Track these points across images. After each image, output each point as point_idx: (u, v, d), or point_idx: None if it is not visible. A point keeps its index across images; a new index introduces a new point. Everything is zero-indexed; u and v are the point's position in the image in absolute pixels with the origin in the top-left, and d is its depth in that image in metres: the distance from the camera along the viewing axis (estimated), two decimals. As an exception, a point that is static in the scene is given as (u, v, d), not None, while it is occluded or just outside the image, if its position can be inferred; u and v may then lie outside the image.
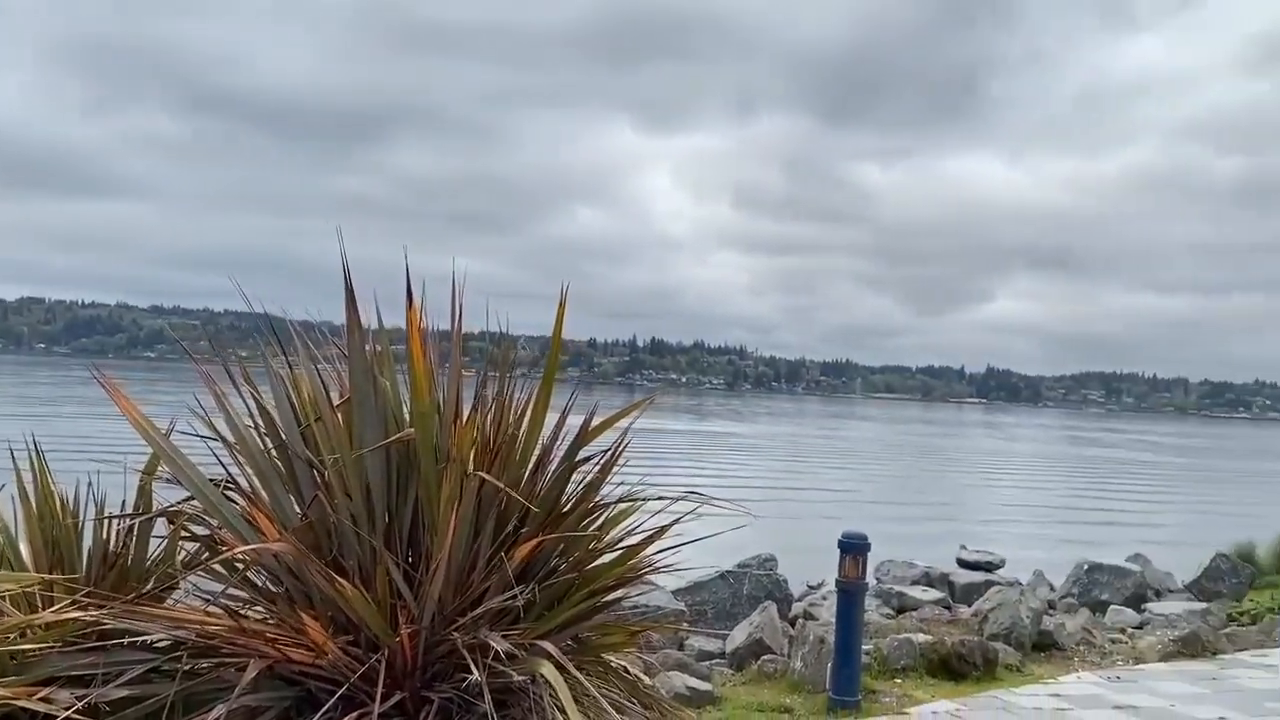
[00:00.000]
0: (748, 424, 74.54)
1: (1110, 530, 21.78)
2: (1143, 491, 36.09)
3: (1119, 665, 6.90)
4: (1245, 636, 7.89)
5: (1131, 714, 5.59)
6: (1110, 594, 10.50)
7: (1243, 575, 10.96)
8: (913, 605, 9.65)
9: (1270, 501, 30.48)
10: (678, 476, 21.54)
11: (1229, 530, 14.77)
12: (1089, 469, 47.47)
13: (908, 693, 5.89)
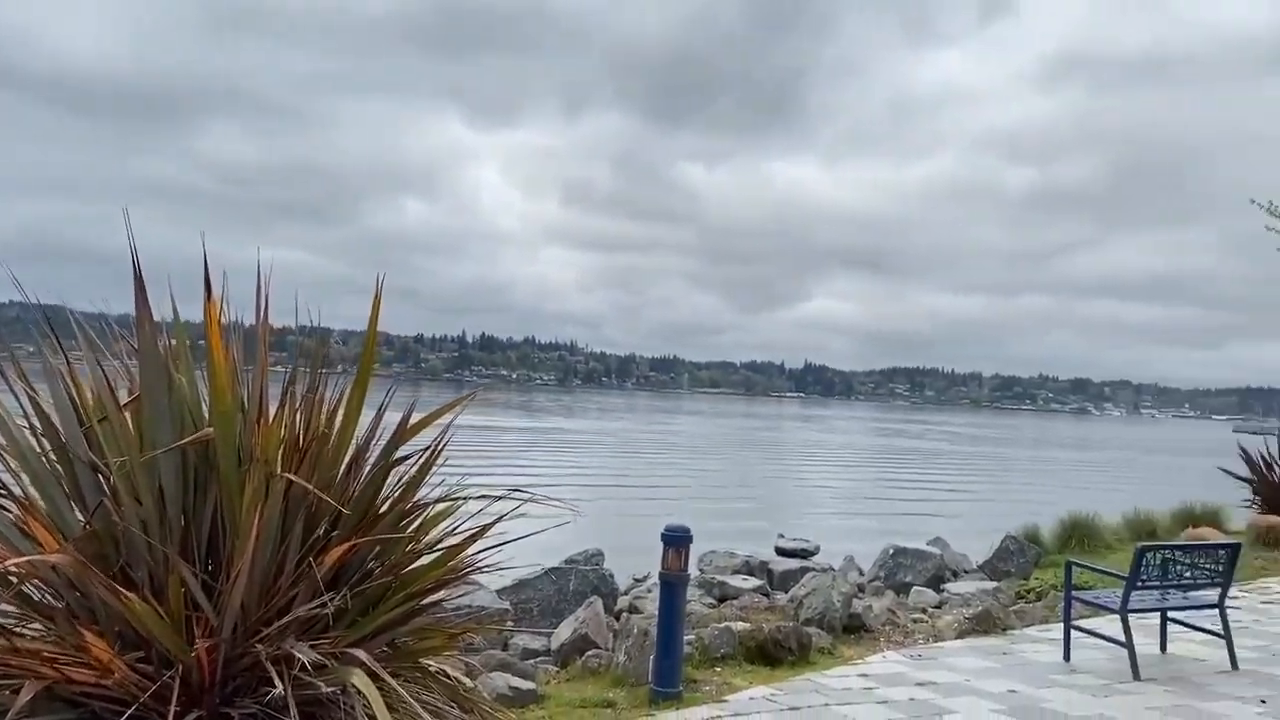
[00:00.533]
0: (578, 420, 74.77)
1: (914, 515, 23.15)
2: (943, 478, 38.54)
3: (920, 643, 7.32)
4: (1032, 612, 8.53)
5: (931, 689, 5.93)
6: (913, 576, 11.15)
7: (1029, 555, 11.86)
8: (734, 594, 9.93)
9: (1053, 486, 33.22)
10: (505, 474, 21.27)
11: (1018, 513, 15.97)
12: (896, 458, 50.34)
13: (727, 680, 6.04)
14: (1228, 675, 6.48)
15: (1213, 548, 6.98)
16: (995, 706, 5.62)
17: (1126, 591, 6.53)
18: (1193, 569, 6.78)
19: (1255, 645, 7.30)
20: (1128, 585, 6.53)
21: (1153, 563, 6.60)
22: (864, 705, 5.55)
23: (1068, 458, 59.19)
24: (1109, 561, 10.62)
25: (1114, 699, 5.85)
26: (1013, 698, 5.82)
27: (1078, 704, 5.72)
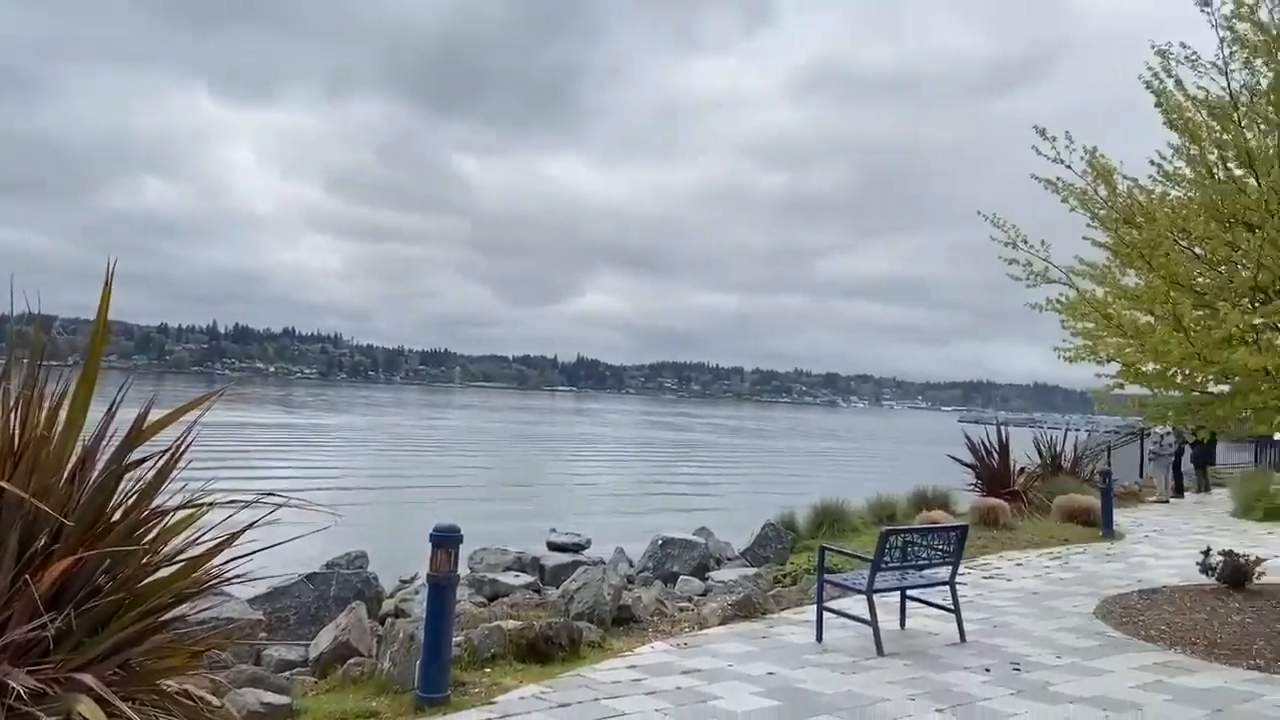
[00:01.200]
0: (343, 415, 71.83)
1: (682, 506, 23.94)
2: (709, 469, 40.15)
3: (687, 632, 7.53)
4: (788, 596, 9.00)
5: (696, 677, 6.11)
6: (680, 565, 11.49)
7: (786, 541, 12.52)
8: (505, 591, 9.83)
9: (807, 474, 35.36)
10: (259, 476, 20.04)
11: (776, 501, 16.86)
12: (665, 450, 51.92)
13: (497, 681, 5.95)
14: (957, 647, 7.09)
15: (945, 530, 7.63)
16: (755, 689, 5.85)
17: (872, 573, 7.00)
18: (928, 550, 7.37)
19: (979, 618, 8.04)
20: (873, 567, 7.00)
21: (895, 545, 7.12)
22: (632, 698, 5.62)
23: (820, 447, 63.26)
24: (856, 544, 11.38)
25: (860, 675, 6.25)
26: (771, 679, 6.09)
27: (828, 682, 6.06)
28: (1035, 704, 5.64)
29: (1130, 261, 8.45)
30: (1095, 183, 8.60)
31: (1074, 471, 17.92)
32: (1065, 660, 6.73)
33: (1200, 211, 8.17)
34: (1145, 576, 10.10)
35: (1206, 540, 10.87)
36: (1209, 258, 8.17)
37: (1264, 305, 7.67)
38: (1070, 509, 14.34)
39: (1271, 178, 7.40)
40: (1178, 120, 8.18)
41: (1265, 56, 7.56)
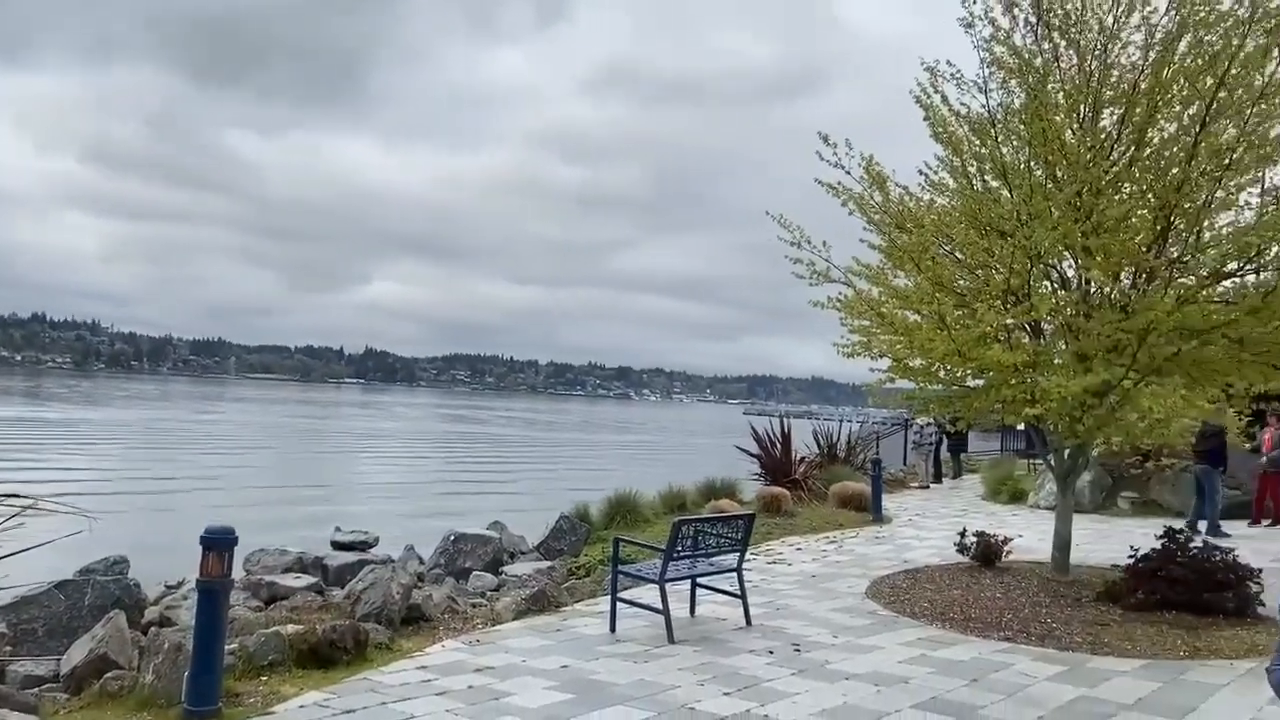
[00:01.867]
0: (101, 409, 66.06)
1: (477, 499, 23.59)
2: (503, 463, 39.83)
3: (480, 628, 7.39)
4: (582, 588, 9.03)
5: (489, 674, 6.00)
6: (473, 561, 11.29)
7: (580, 533, 12.57)
8: (284, 594, 9.31)
9: (602, 466, 35.76)
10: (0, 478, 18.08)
11: (571, 493, 16.91)
12: (459, 444, 51.08)
13: (275, 689, 5.61)
14: (744, 631, 7.35)
15: (733, 518, 7.88)
16: (549, 683, 5.82)
17: (664, 563, 7.12)
18: (717, 538, 7.59)
19: (764, 602, 8.37)
20: (665, 557, 7.13)
21: (687, 535, 7.28)
22: (422, 699, 5.45)
23: (613, 440, 64.17)
24: (649, 534, 11.59)
25: (652, 663, 6.35)
26: (565, 673, 6.07)
27: (621, 671, 6.12)
28: (815, 682, 5.92)
29: (901, 264, 9.02)
30: (871, 189, 9.13)
31: (848, 460, 19.03)
32: (841, 639, 7.11)
33: (962, 219, 8.84)
34: (910, 557, 10.85)
35: (962, 522, 11.82)
36: (969, 262, 8.85)
37: (1014, 307, 8.39)
38: (845, 495, 15.21)
39: (1022, 190, 8.11)
40: (943, 133, 8.81)
41: (1019, 79, 8.26)
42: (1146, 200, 8.17)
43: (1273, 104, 7.67)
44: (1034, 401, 8.11)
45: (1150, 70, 7.94)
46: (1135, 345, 7.88)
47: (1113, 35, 8.18)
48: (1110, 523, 14.01)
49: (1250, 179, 8.03)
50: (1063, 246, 8.21)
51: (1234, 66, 7.52)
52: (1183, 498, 14.75)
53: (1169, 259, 8.13)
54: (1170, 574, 7.82)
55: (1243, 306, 7.59)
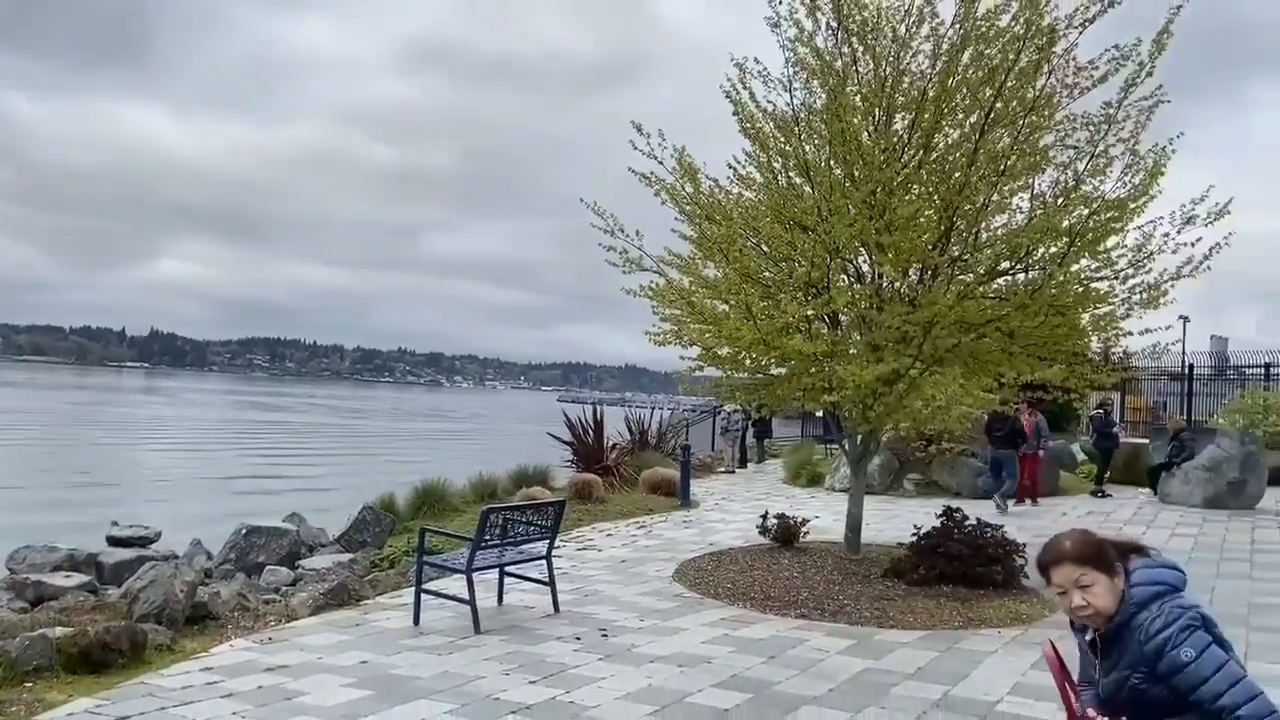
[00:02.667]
0: None
1: (272, 491, 22.47)
2: (303, 452, 38.14)
3: (273, 626, 7.03)
4: (385, 580, 8.75)
5: (282, 673, 5.71)
6: (267, 555, 10.73)
7: (384, 524, 12.19)
8: (53, 594, 8.52)
9: (409, 455, 34.88)
10: None
11: (376, 483, 16.39)
12: (255, 433, 48.48)
13: (40, 697, 5.12)
14: (552, 618, 7.33)
15: (544, 505, 7.84)
16: (346, 680, 5.59)
17: (472, 552, 7.00)
18: (527, 526, 7.53)
19: (572, 589, 8.39)
20: (473, 546, 7.01)
21: (495, 524, 7.18)
22: (206, 702, 5.11)
23: (423, 428, 62.77)
24: (457, 524, 11.38)
25: (457, 655, 6.23)
26: (364, 669, 5.86)
27: (424, 664, 5.96)
28: (621, 666, 5.98)
29: (710, 255, 9.24)
30: (683, 180, 9.29)
31: (659, 446, 19.40)
32: (648, 622, 7.22)
33: (767, 213, 9.14)
34: (715, 540, 11.17)
35: (764, 505, 12.28)
36: (773, 255, 9.16)
37: (815, 299, 8.76)
38: (655, 481, 15.50)
39: (823, 187, 8.47)
40: (750, 129, 9.07)
41: (820, 80, 8.61)
42: (933, 201, 8.71)
43: (1042, 115, 8.34)
44: (831, 389, 8.51)
45: (937, 79, 8.45)
46: (921, 337, 8.39)
47: (905, 44, 8.65)
48: (897, 503, 14.94)
49: (1022, 185, 8.71)
50: (859, 242, 8.64)
51: (1010, 79, 8.12)
52: (961, 479, 15.93)
53: (951, 257, 8.70)
54: (948, 550, 8.40)
55: (1013, 303, 8.23)
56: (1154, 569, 2.67)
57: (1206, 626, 2.54)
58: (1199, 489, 14.61)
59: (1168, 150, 8.11)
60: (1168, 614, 2.54)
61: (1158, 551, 2.79)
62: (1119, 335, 8.87)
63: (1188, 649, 2.47)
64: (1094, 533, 2.79)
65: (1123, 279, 8.35)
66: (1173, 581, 2.64)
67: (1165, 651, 2.51)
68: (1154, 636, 2.53)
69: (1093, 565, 2.67)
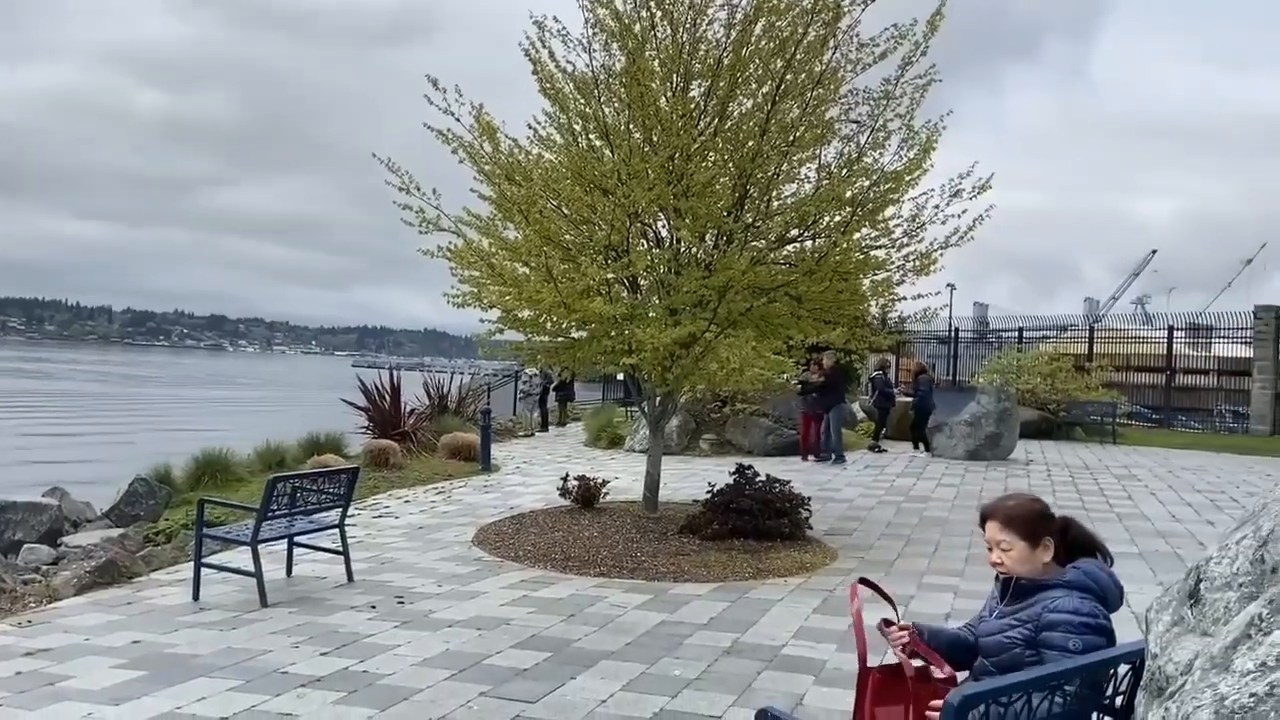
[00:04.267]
0: None
1: (31, 464, 20.54)
2: (66, 421, 35.07)
3: (33, 608, 6.45)
4: (161, 556, 8.20)
5: (44, 657, 5.26)
6: (25, 533, 9.84)
7: (160, 496, 11.42)
8: None
9: (189, 423, 32.76)
10: None
11: (151, 453, 15.31)
12: (9, 403, 44.05)
13: None
14: (345, 588, 7.11)
15: (335, 473, 7.57)
16: (117, 662, 5.22)
17: (257, 523, 6.67)
18: (318, 494, 7.25)
19: (368, 557, 8.16)
20: (259, 517, 6.68)
21: (283, 492, 6.87)
22: (-49, 696, 4.63)
23: (203, 395, 59.07)
24: (242, 495, 10.81)
25: (241, 630, 5.93)
26: (137, 649, 5.48)
27: (205, 641, 5.65)
28: (418, 633, 5.88)
29: (510, 216, 9.12)
30: (481, 139, 9.10)
31: (459, 411, 19.13)
32: (446, 588, 7.14)
33: (568, 175, 9.11)
34: (516, 503, 11.16)
35: (566, 467, 12.37)
36: (574, 217, 9.16)
37: (615, 262, 8.85)
38: (454, 446, 15.28)
39: (622, 151, 8.53)
40: (550, 90, 9.00)
41: (619, 42, 8.64)
42: (728, 169, 8.96)
43: (828, 89, 8.73)
44: (630, 352, 8.64)
45: (732, 48, 8.66)
46: (716, 301, 8.65)
47: (701, 11, 8.80)
48: (693, 463, 15.44)
49: (809, 155, 9.10)
50: (657, 207, 8.78)
51: (799, 52, 8.44)
52: (753, 438, 16.65)
53: (745, 224, 9.00)
54: (740, 506, 8.77)
55: (802, 268, 8.63)
56: (1101, 573, 2.79)
57: (1107, 639, 2.67)
58: (961, 442, 15.95)
59: (939, 127, 8.70)
60: (1082, 606, 2.68)
61: (1111, 563, 2.91)
62: (895, 300, 9.47)
63: (1077, 641, 2.62)
64: (1040, 503, 2.93)
65: (898, 247, 8.92)
66: (1106, 591, 2.76)
67: (1057, 627, 2.66)
68: (1058, 612, 2.68)
69: (1017, 531, 2.82)
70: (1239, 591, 2.00)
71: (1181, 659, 1.99)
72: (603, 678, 5.04)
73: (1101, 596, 2.74)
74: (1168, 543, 8.82)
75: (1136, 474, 14.13)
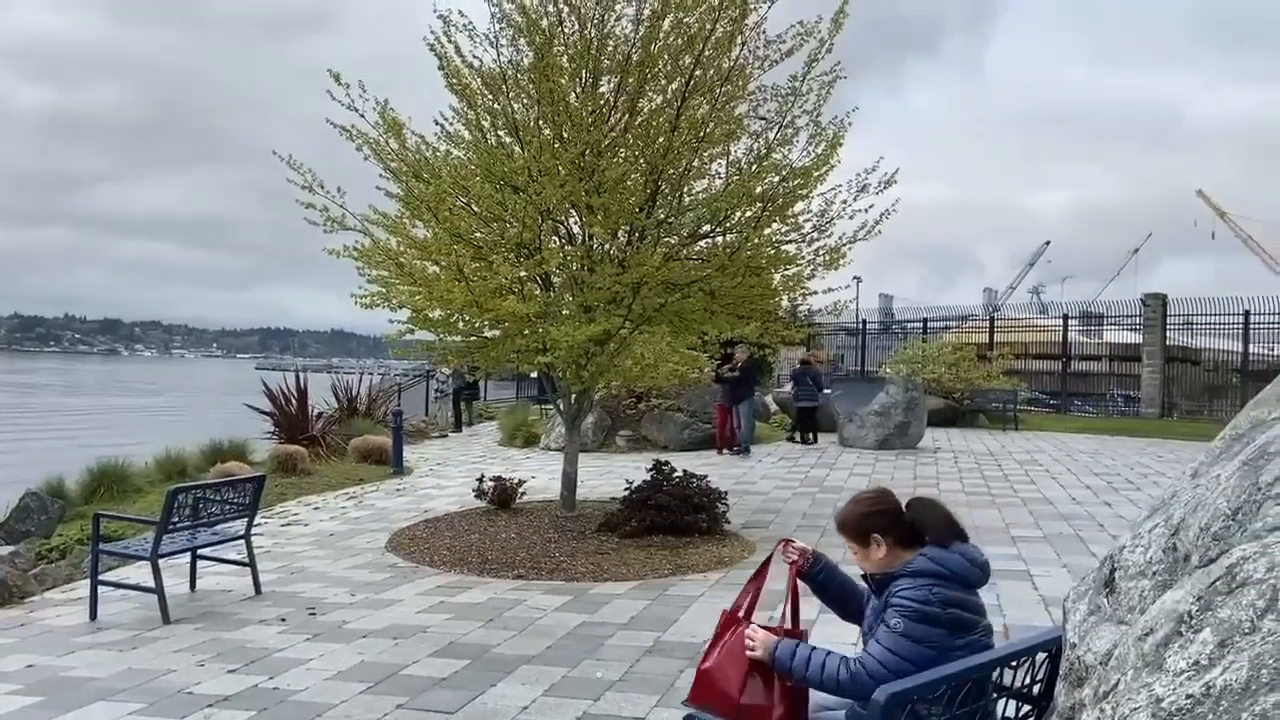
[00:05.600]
0: None
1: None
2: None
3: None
4: (55, 573, 7.82)
5: (-76, 691, 4.94)
6: (-97, 556, 9.24)
7: (53, 510, 10.89)
8: None
9: (82, 435, 31.34)
10: None
11: (41, 465, 14.57)
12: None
13: None
14: (253, 601, 6.87)
15: (241, 482, 7.30)
16: (11, 688, 4.94)
17: (157, 536, 6.39)
18: (222, 504, 6.99)
19: (276, 568, 7.91)
20: (159, 530, 6.40)
21: (185, 504, 6.60)
22: None
23: (97, 403, 56.65)
24: (141, 507, 10.38)
25: (143, 649, 5.68)
26: (30, 673, 5.20)
27: (104, 663, 5.39)
28: (331, 645, 5.71)
29: (419, 214, 8.93)
30: (387, 135, 8.89)
31: (369, 413, 18.72)
32: (360, 596, 6.96)
33: (477, 172, 8.96)
34: (430, 506, 10.97)
35: (481, 468, 12.22)
36: (485, 215, 9.01)
37: (527, 260, 8.74)
38: (365, 449, 14.95)
39: (533, 147, 8.42)
40: (457, 85, 8.84)
41: (527, 37, 8.53)
42: (639, 165, 8.93)
43: (737, 85, 8.77)
44: (545, 350, 8.55)
45: (640, 44, 8.63)
46: (631, 297, 8.63)
47: (609, 6, 8.75)
48: (610, 459, 15.41)
49: (720, 151, 9.13)
50: (569, 203, 8.70)
51: (707, 48, 8.46)
52: (669, 433, 16.70)
53: (657, 220, 8.99)
54: (658, 502, 8.77)
55: (714, 264, 8.66)
56: (949, 555, 2.83)
57: (926, 620, 2.70)
58: (871, 432, 16.28)
59: (845, 123, 8.83)
60: (916, 590, 2.74)
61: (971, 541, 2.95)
62: (806, 294, 9.59)
63: (899, 621, 2.71)
64: (865, 503, 3.00)
65: (809, 242, 9.02)
66: (957, 571, 2.80)
67: (890, 607, 2.78)
68: (895, 596, 2.78)
69: (849, 536, 3.00)
70: (1153, 580, 2.05)
71: (1100, 648, 2.03)
72: (524, 683, 4.96)
73: (954, 577, 2.79)
74: (1070, 525, 9.13)
75: (1038, 459, 14.63)
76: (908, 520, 2.92)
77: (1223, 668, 1.50)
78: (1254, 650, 1.47)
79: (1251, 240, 67.79)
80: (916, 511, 2.94)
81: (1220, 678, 1.48)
